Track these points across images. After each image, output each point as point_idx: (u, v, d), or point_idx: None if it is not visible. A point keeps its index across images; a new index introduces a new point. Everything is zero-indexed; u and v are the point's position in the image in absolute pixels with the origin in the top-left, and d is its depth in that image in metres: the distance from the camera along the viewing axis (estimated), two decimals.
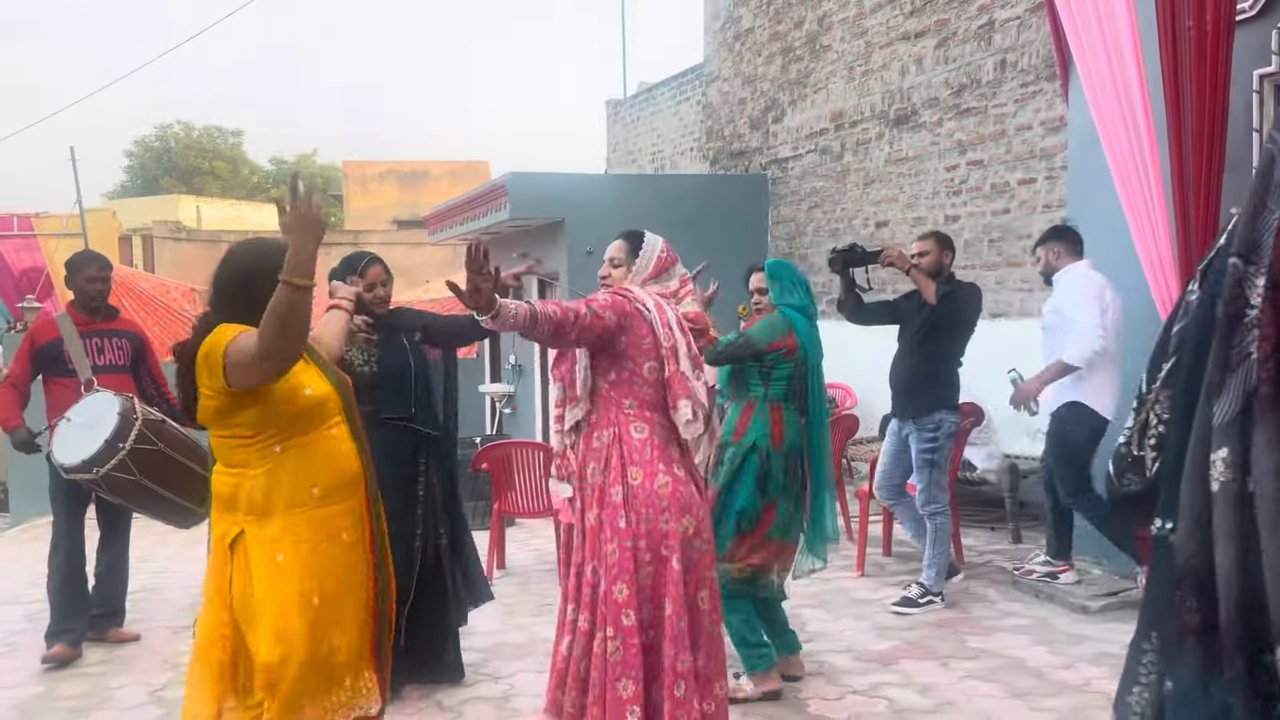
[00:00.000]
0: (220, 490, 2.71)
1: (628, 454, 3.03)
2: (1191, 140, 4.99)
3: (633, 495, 3.00)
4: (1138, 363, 6.08)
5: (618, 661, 2.91)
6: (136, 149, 40.47)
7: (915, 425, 5.18)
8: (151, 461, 4.43)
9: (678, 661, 2.96)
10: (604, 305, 3.02)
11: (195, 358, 2.64)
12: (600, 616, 2.96)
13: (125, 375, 5.04)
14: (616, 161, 14.76)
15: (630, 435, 3.05)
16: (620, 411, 3.07)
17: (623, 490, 3.01)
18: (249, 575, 2.62)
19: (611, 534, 2.99)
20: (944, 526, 5.23)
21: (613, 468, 3.03)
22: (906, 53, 8.78)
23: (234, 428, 2.66)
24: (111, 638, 5.07)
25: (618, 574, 2.96)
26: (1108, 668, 4.27)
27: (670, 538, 3.00)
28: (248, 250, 2.82)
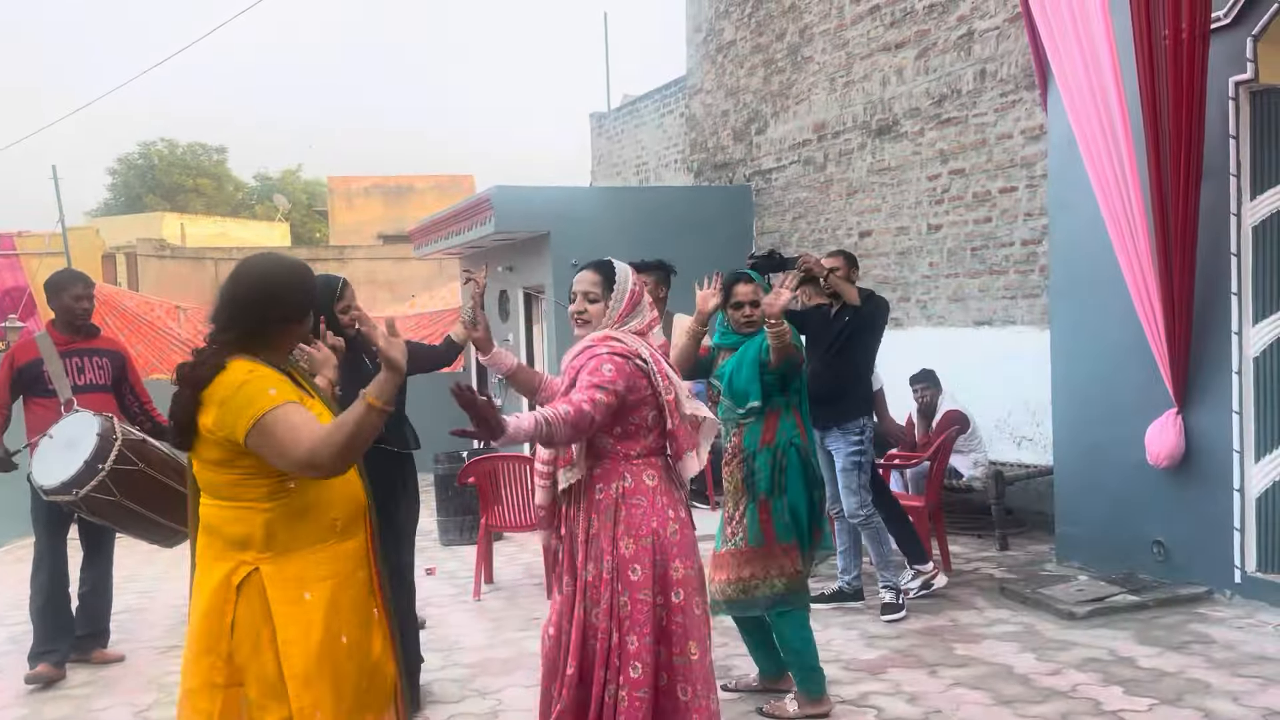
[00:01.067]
0: (223, 527, 2.44)
1: (638, 504, 3.03)
2: (1169, 147, 5.04)
3: (646, 547, 3.00)
4: (1124, 373, 6.16)
5: (624, 710, 2.94)
6: (120, 167, 40.36)
7: (840, 432, 5.24)
8: (133, 482, 4.40)
9: (710, 701, 3.03)
10: (612, 380, 2.95)
11: (202, 391, 2.39)
12: (610, 667, 2.97)
13: (106, 395, 5.01)
14: (601, 174, 14.79)
15: (644, 484, 3.05)
16: (629, 463, 3.05)
17: (634, 543, 3.00)
18: (264, 617, 2.38)
19: (624, 587, 2.98)
20: (881, 525, 5.32)
21: (621, 520, 3.01)
22: (887, 63, 8.83)
23: (239, 467, 2.41)
24: (96, 659, 5.03)
25: (630, 626, 2.96)
26: (1094, 673, 4.28)
27: (687, 584, 3.03)
28: (267, 265, 2.55)
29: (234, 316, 2.48)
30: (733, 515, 4.04)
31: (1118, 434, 5.73)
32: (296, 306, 2.54)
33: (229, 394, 2.36)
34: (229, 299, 2.50)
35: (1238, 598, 5.20)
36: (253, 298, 2.48)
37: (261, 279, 2.51)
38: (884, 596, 5.25)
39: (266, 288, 2.50)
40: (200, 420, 2.39)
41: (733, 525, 4.03)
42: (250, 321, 2.47)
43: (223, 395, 2.37)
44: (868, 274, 8.92)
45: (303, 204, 38.67)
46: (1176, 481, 5.47)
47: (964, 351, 7.85)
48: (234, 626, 2.39)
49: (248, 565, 2.41)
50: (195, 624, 2.43)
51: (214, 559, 2.45)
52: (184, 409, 2.42)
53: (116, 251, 20.06)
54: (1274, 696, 3.96)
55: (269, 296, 2.49)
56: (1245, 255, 5.15)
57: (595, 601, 2.99)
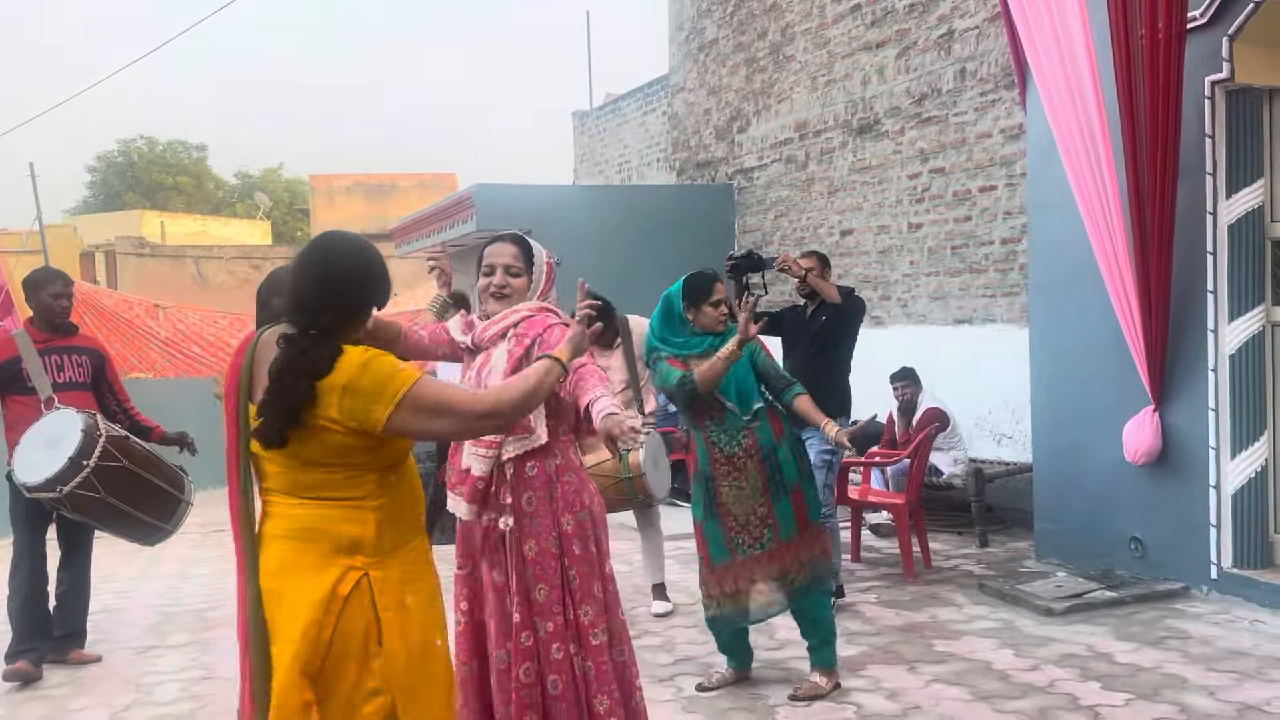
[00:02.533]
0: (330, 529, 2.23)
1: (570, 481, 3.06)
2: (1146, 146, 5.08)
3: (584, 521, 3.05)
4: (1102, 370, 6.20)
5: (595, 678, 2.97)
6: (99, 164, 40.06)
7: (816, 430, 5.25)
8: (116, 478, 4.37)
9: (638, 665, 3.13)
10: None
11: (317, 383, 2.16)
12: (572, 640, 2.99)
13: (85, 393, 4.98)
14: (584, 173, 14.78)
15: (572, 460, 3.09)
16: (557, 441, 3.06)
17: (573, 519, 3.03)
18: (368, 626, 2.22)
19: (571, 561, 3.01)
20: (835, 527, 5.40)
21: (558, 496, 3.02)
22: (868, 62, 8.86)
23: (353, 463, 2.24)
24: (73, 659, 4.99)
25: (581, 598, 3.00)
26: (1072, 669, 4.31)
27: (607, 554, 3.14)
28: (358, 245, 2.35)
29: (329, 299, 2.24)
30: (754, 517, 4.07)
31: (1095, 432, 5.77)
32: (387, 289, 2.39)
33: (353, 380, 2.17)
34: (320, 280, 2.25)
35: (1214, 593, 5.24)
36: (353, 280, 2.29)
37: (361, 259, 2.31)
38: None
39: (369, 268, 2.32)
40: (313, 413, 2.17)
41: (756, 528, 4.07)
42: (349, 303, 2.28)
43: (346, 382, 2.17)
44: (849, 272, 8.96)
45: (284, 202, 38.47)
46: (1153, 479, 5.51)
47: (944, 349, 7.89)
48: (332, 640, 2.19)
49: (357, 571, 2.23)
50: (292, 642, 2.17)
51: (318, 567, 2.22)
52: (293, 401, 2.16)
53: (95, 250, 19.92)
54: (1249, 691, 3.99)
55: (371, 278, 2.32)
56: (1221, 253, 5.19)
57: (539, 579, 2.99)
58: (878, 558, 6.60)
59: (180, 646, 5.29)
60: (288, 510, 2.26)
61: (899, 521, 6.16)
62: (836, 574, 5.41)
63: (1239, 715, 3.77)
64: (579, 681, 2.99)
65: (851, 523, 6.64)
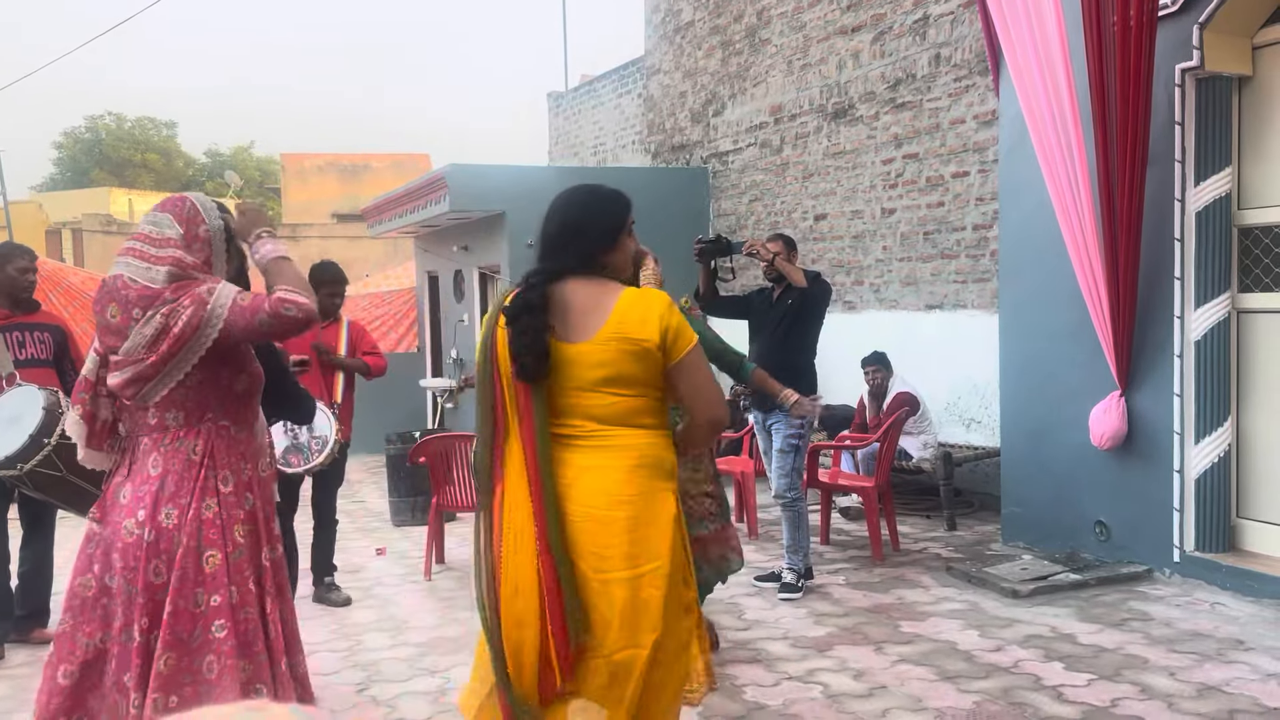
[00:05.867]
0: (657, 454, 2.47)
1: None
2: (1116, 133, 5.11)
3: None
4: (1069, 355, 6.25)
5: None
6: (65, 141, 39.46)
7: (782, 414, 5.27)
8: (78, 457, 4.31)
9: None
10: None
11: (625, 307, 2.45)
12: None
13: (48, 369, 4.91)
14: (558, 155, 14.71)
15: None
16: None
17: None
18: (683, 539, 2.53)
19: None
20: (803, 511, 5.41)
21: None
22: (843, 47, 8.86)
23: (659, 387, 2.50)
24: (35, 639, 4.93)
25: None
26: (1036, 649, 4.36)
27: None
28: (582, 194, 2.70)
29: (597, 244, 2.58)
30: (706, 498, 4.24)
31: (1062, 416, 5.83)
32: (608, 232, 2.64)
33: (668, 308, 2.47)
34: (560, 225, 2.63)
35: (1176, 576, 5.32)
36: (580, 222, 2.62)
37: (584, 206, 2.66)
38: (786, 577, 5.37)
39: (591, 213, 2.65)
40: (640, 332, 2.42)
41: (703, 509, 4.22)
42: (580, 244, 2.58)
43: (662, 309, 2.45)
44: (822, 257, 8.98)
45: (255, 181, 38.07)
46: (1119, 463, 5.57)
47: (915, 334, 7.94)
48: (673, 557, 2.45)
49: (672, 495, 2.50)
50: (661, 563, 2.40)
51: (659, 491, 2.46)
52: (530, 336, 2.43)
53: (62, 227, 19.64)
54: (1209, 672, 4.06)
55: (591, 223, 2.63)
56: (1189, 240, 5.24)
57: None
58: (846, 540, 6.64)
59: None
60: (631, 437, 2.46)
61: (868, 505, 6.20)
62: (806, 556, 5.45)
63: (1199, 695, 3.83)
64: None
65: (821, 506, 6.68)
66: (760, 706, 3.86)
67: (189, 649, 2.52)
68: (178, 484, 2.59)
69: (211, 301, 2.54)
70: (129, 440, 2.71)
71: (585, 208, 2.62)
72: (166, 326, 2.53)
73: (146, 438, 2.64)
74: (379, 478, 9.40)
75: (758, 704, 3.88)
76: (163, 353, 2.54)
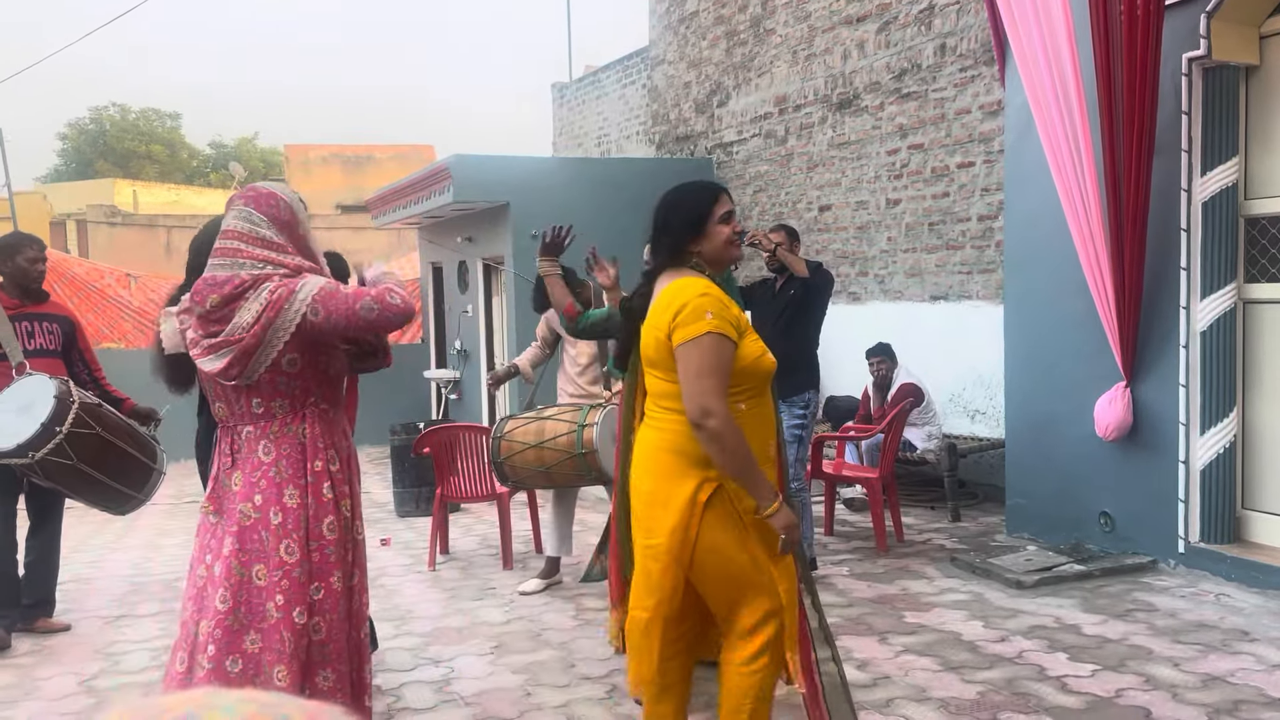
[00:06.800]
0: (682, 444, 2.65)
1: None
2: (1123, 123, 5.09)
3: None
4: (1074, 346, 6.23)
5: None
6: (70, 132, 39.44)
7: (785, 404, 5.30)
8: (89, 445, 4.32)
9: None
10: None
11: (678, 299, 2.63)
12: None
13: (56, 360, 4.92)
14: (562, 145, 14.68)
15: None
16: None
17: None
18: (724, 527, 2.63)
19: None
20: (807, 501, 5.41)
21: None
22: (848, 37, 8.82)
23: (674, 371, 2.65)
24: (39, 628, 4.95)
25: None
26: (1040, 640, 4.36)
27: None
28: (671, 192, 2.86)
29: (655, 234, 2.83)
30: None
31: (1067, 407, 5.81)
32: (683, 227, 2.80)
33: (687, 298, 2.63)
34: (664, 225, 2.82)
35: (1181, 567, 5.31)
36: (659, 216, 2.83)
37: (666, 201, 2.86)
38: None
39: (669, 207, 2.84)
40: (659, 318, 2.65)
41: None
42: (663, 236, 2.81)
43: (680, 298, 2.64)
44: (827, 248, 8.96)
45: (259, 172, 38.06)
46: (1124, 454, 5.56)
47: (920, 326, 7.92)
48: (697, 539, 2.62)
49: (713, 483, 2.62)
50: (660, 540, 2.65)
51: (680, 476, 2.64)
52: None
53: (66, 218, 19.65)
54: (1213, 663, 4.05)
55: (671, 216, 2.82)
56: (1195, 230, 5.22)
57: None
58: (851, 531, 6.64)
59: (150, 616, 5.26)
60: (675, 423, 2.67)
61: (872, 496, 6.19)
62: (810, 546, 5.45)
63: (1203, 686, 3.82)
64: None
65: (825, 496, 6.67)
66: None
67: (329, 621, 2.74)
68: (294, 467, 2.74)
69: (300, 288, 2.67)
70: (229, 430, 2.81)
71: (669, 204, 2.79)
72: (262, 309, 2.66)
73: (251, 426, 2.76)
74: (383, 469, 9.42)
75: None
76: (256, 331, 2.65)
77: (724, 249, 2.78)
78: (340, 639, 2.75)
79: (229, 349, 2.66)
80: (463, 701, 3.89)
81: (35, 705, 4.05)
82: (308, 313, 2.64)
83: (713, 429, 2.54)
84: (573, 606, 5.12)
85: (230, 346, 2.66)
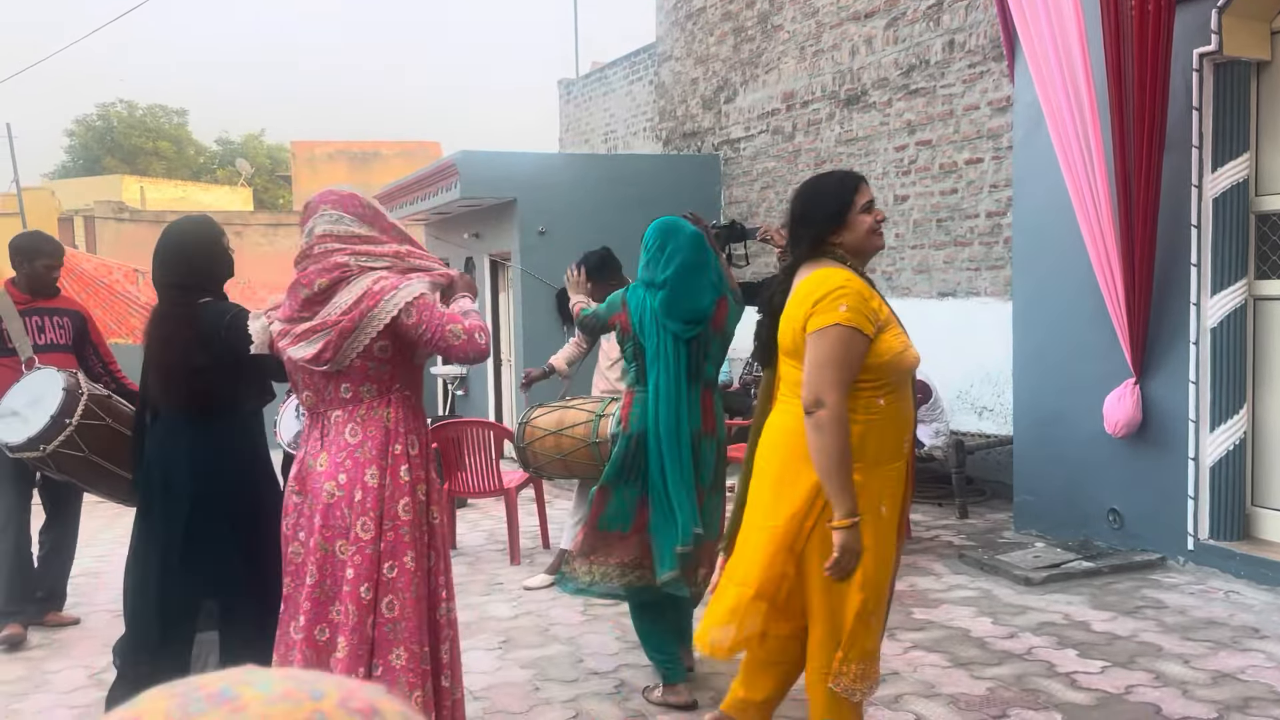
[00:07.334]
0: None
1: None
2: (1133, 119, 5.07)
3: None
4: (1084, 343, 6.22)
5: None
6: (77, 128, 39.54)
7: None
8: (100, 437, 4.33)
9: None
10: None
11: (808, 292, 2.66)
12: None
13: (67, 354, 4.92)
14: (569, 141, 14.67)
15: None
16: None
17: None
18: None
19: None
20: None
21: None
22: (856, 33, 8.80)
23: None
24: (50, 621, 4.96)
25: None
26: (1049, 637, 4.35)
27: None
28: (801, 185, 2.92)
29: (814, 230, 2.81)
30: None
31: (1076, 404, 5.80)
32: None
33: (825, 288, 2.63)
34: (805, 220, 2.83)
35: (1190, 564, 5.30)
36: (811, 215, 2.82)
37: (797, 195, 2.90)
38: None
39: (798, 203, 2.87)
40: (795, 308, 2.67)
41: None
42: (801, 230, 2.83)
43: (819, 289, 2.64)
44: None
45: (265, 168, 38.12)
46: (1133, 451, 5.55)
47: (928, 322, 7.88)
48: (813, 531, 2.61)
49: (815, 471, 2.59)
50: (780, 525, 2.64)
51: (800, 461, 2.62)
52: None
53: (74, 214, 19.69)
54: (1223, 660, 4.04)
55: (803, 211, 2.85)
56: (1205, 227, 5.20)
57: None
58: None
59: None
60: (791, 407, 2.69)
61: None
62: None
63: (1213, 682, 3.82)
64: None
65: None
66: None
67: (402, 600, 2.81)
68: (379, 449, 2.83)
69: (402, 287, 2.78)
70: (317, 416, 2.92)
71: (808, 194, 2.80)
72: (361, 295, 2.76)
73: (339, 410, 2.86)
74: None
75: None
76: (354, 316, 2.75)
77: (866, 239, 2.77)
78: (413, 619, 2.80)
79: (323, 333, 2.77)
80: (471, 696, 3.89)
81: (45, 698, 4.07)
82: (401, 314, 2.76)
83: (819, 418, 2.54)
84: (580, 601, 5.13)
85: (325, 330, 2.77)
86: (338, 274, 2.79)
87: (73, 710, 3.94)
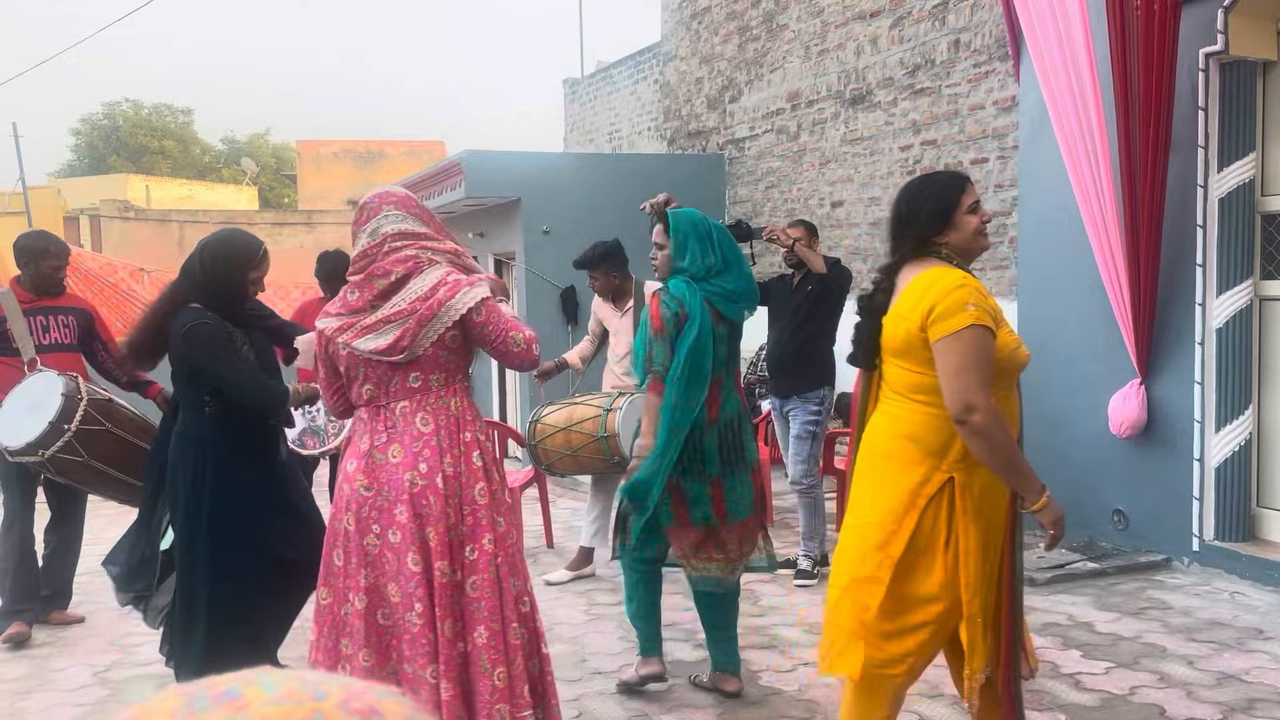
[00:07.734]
0: (925, 434, 2.58)
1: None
2: (1139, 118, 5.06)
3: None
4: (1089, 343, 6.21)
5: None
6: (83, 127, 39.60)
7: (800, 400, 5.31)
8: (100, 442, 4.35)
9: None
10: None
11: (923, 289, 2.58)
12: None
13: (73, 354, 4.92)
14: (574, 141, 14.68)
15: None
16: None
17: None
18: (945, 524, 2.56)
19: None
20: (820, 497, 5.40)
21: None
22: (862, 32, 8.79)
23: (919, 363, 2.60)
24: (54, 619, 4.98)
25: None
26: (1054, 637, 4.35)
27: None
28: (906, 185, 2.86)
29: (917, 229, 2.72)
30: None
31: (1081, 404, 5.79)
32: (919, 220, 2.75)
33: (944, 291, 2.55)
34: (907, 218, 2.75)
35: (1195, 565, 5.28)
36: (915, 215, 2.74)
37: (899, 197, 2.82)
38: (801, 563, 5.37)
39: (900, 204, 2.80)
40: (908, 310, 2.58)
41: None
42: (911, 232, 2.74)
43: (935, 292, 2.56)
44: (839, 244, 8.94)
45: (271, 168, 38.17)
46: (1138, 451, 5.54)
47: None
48: (915, 533, 2.55)
49: (943, 475, 2.56)
50: (874, 522, 2.59)
51: (910, 464, 2.58)
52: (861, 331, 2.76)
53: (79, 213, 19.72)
54: (1228, 661, 4.03)
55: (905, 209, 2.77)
56: (1211, 227, 5.19)
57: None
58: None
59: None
60: (905, 411, 2.63)
61: None
62: (822, 542, 5.44)
63: (1218, 683, 3.81)
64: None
65: (837, 493, 6.66)
66: (776, 692, 3.86)
67: (482, 580, 2.89)
68: (450, 437, 2.91)
69: (474, 285, 2.91)
70: (380, 409, 2.95)
71: (914, 194, 2.76)
72: (438, 284, 2.88)
73: (406, 400, 2.92)
74: None
75: (774, 689, 3.88)
76: (433, 305, 2.84)
77: (973, 239, 2.72)
78: (493, 598, 2.89)
79: (399, 322, 2.85)
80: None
81: (50, 696, 4.08)
82: (473, 311, 2.88)
83: (976, 424, 2.46)
84: (584, 601, 5.13)
85: (403, 319, 2.85)
86: (411, 264, 2.90)
87: (77, 708, 3.95)
